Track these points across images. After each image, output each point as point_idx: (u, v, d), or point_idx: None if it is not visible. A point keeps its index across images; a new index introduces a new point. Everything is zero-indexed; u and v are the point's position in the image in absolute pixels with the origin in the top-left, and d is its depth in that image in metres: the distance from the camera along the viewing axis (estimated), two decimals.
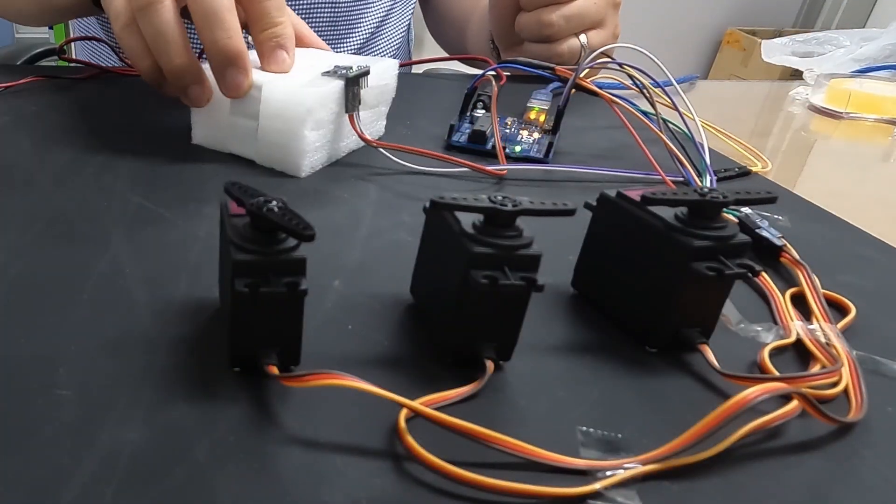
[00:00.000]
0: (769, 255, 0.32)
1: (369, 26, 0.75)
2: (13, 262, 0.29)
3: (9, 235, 0.31)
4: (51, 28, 1.92)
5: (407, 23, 0.84)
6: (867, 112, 0.59)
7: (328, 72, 0.39)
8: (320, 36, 0.48)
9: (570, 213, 0.23)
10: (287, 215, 0.21)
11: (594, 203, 0.27)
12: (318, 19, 0.70)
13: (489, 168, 0.40)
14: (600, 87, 0.43)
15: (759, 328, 0.27)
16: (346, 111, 0.39)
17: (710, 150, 0.40)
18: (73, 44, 1.04)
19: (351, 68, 0.39)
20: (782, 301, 0.28)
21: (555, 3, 0.54)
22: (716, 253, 0.24)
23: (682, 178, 0.39)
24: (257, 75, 0.38)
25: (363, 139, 0.40)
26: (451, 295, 0.23)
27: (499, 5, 0.59)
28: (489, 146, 0.44)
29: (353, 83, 0.38)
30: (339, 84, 0.38)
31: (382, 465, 0.20)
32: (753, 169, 0.44)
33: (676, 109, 0.43)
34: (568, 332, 0.27)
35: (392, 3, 0.77)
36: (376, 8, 0.75)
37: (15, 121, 0.45)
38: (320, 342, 0.25)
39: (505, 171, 0.40)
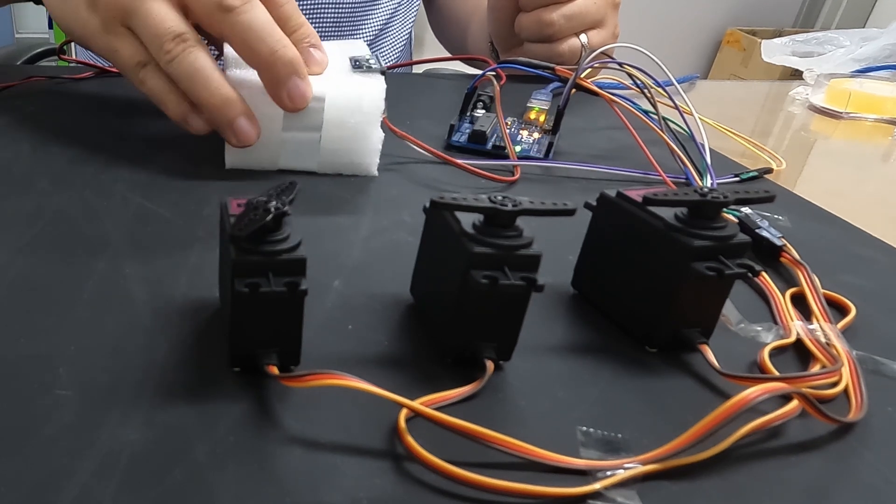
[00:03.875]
0: (769, 255, 0.32)
1: (374, 27, 0.75)
2: (13, 263, 0.29)
3: (9, 236, 0.31)
4: (51, 28, 1.92)
5: (411, 23, 0.83)
6: (867, 112, 0.59)
7: (356, 67, 0.38)
8: (325, 37, 0.48)
9: (570, 213, 0.23)
10: (252, 213, 0.21)
11: (594, 203, 0.27)
12: (322, 20, 0.70)
13: (501, 177, 0.39)
14: (600, 87, 0.43)
15: (759, 328, 0.27)
16: None
17: (710, 150, 0.40)
18: (73, 44, 1.04)
19: (366, 59, 0.39)
20: (782, 301, 0.28)
21: (555, 2, 0.54)
22: (716, 253, 0.24)
23: (683, 178, 0.39)
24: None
25: (392, 130, 0.40)
26: (451, 295, 0.23)
27: (497, 7, 0.59)
28: (489, 146, 0.44)
29: (384, 75, 0.38)
30: (382, 78, 0.38)
31: (382, 465, 0.20)
32: (775, 168, 0.43)
33: (677, 109, 0.43)
34: (568, 332, 0.27)
35: (397, 4, 0.77)
36: (381, 9, 0.74)
37: (15, 121, 0.45)
38: (320, 342, 0.25)
39: (517, 177, 0.40)
